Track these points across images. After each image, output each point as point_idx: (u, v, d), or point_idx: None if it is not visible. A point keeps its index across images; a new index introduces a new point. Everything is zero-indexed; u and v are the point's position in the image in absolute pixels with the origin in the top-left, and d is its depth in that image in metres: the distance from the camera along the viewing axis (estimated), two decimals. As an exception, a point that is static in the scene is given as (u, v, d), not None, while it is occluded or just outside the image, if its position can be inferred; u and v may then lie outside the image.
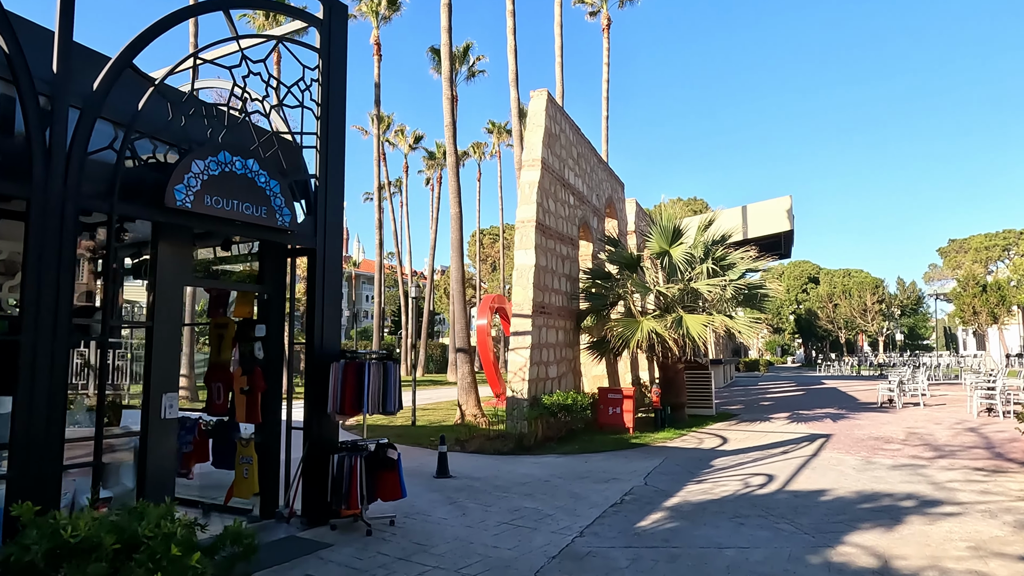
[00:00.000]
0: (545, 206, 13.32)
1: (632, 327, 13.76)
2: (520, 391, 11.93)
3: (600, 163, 18.33)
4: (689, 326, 13.53)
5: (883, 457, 10.61)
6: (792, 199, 27.91)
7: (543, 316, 12.92)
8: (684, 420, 15.51)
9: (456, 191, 15.51)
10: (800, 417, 16.79)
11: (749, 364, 52.67)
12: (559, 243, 14.12)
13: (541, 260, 12.97)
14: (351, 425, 15.38)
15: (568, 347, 14.41)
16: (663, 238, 14.97)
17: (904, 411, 18.08)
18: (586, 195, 16.43)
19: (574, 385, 14.64)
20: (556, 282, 13.83)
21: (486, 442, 11.76)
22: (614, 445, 12.18)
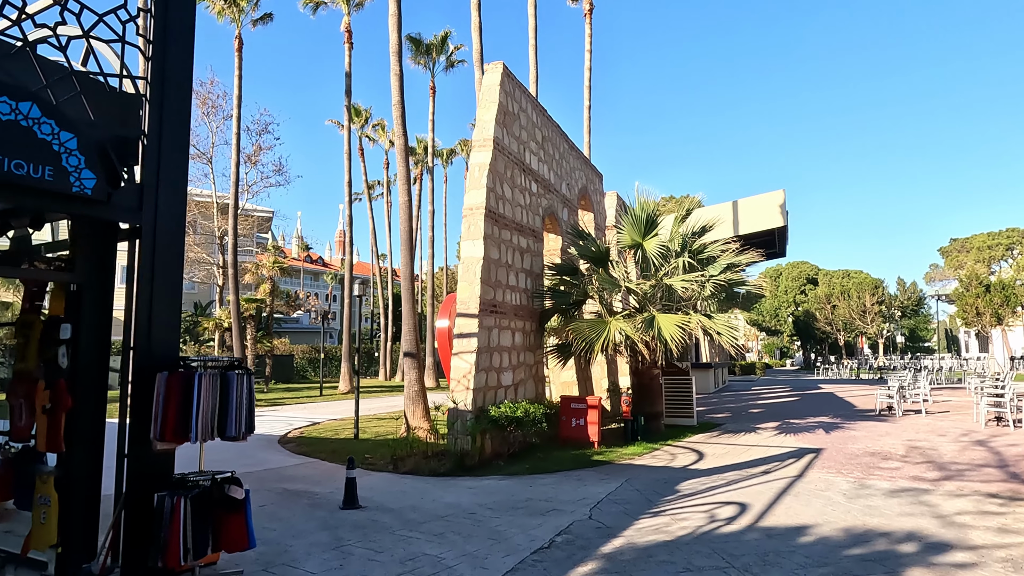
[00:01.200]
0: (498, 192, 11.82)
1: (598, 328, 12.24)
2: (463, 402, 10.41)
3: (572, 150, 16.84)
4: (662, 327, 12.01)
5: (880, 478, 9.08)
6: (785, 193, 26.41)
7: (494, 316, 11.40)
8: (660, 432, 13.98)
9: (405, 177, 14.01)
10: (790, 427, 15.26)
11: (745, 367, 51.14)
12: (517, 234, 12.61)
13: (492, 252, 11.46)
14: (294, 438, 13.87)
15: (528, 351, 12.89)
16: (636, 229, 13.45)
17: (904, 420, 16.54)
18: (553, 183, 14.93)
19: (535, 393, 13.13)
20: (513, 278, 12.32)
21: (423, 461, 10.23)
22: (572, 463, 10.65)
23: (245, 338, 25.58)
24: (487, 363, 10.99)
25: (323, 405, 22.71)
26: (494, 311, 11.40)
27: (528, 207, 13.26)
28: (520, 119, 13.10)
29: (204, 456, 5.43)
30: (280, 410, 21.03)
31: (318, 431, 15.35)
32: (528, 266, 13.13)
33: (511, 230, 12.33)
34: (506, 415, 10.27)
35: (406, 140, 14.17)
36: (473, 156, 11.71)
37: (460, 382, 10.56)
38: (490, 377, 11.08)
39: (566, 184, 16.03)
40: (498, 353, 11.45)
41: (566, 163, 16.20)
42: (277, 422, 17.29)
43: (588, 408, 12.18)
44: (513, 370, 12.05)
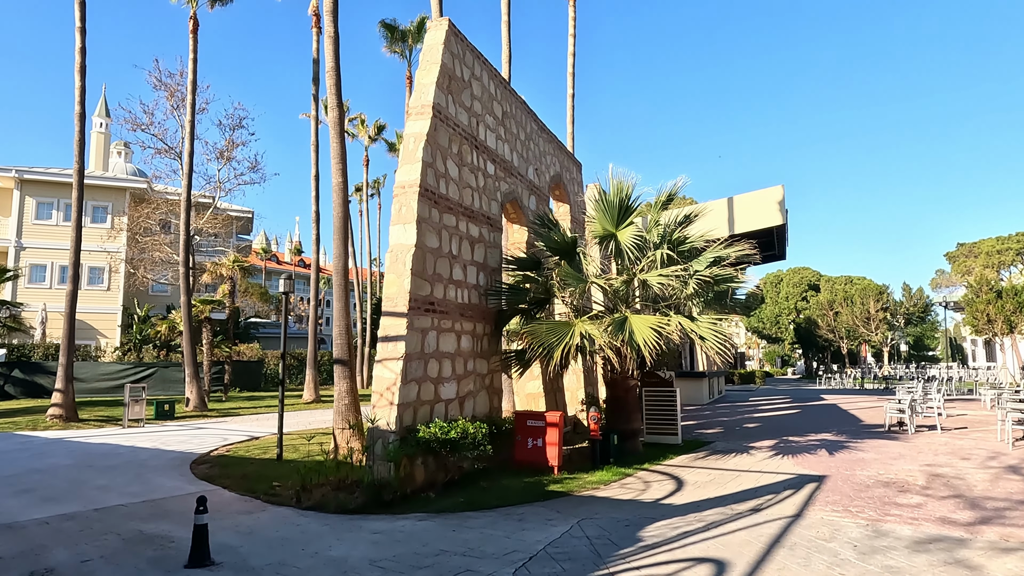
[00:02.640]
0: (439, 169, 9.96)
1: (560, 331, 10.34)
2: (385, 420, 8.50)
3: (542, 132, 14.99)
4: (634, 330, 10.11)
5: (899, 520, 7.16)
6: (784, 189, 24.51)
7: (432, 316, 9.51)
8: (637, 452, 12.05)
9: (339, 155, 12.16)
10: (789, 446, 13.32)
11: (744, 376, 49.13)
12: (466, 221, 10.74)
13: (430, 240, 9.59)
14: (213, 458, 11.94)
15: (479, 358, 10.99)
16: (608, 217, 11.58)
17: (918, 438, 14.60)
18: (516, 166, 13.06)
19: (489, 408, 11.21)
20: (459, 272, 10.44)
21: (333, 493, 8.31)
22: (521, 495, 8.73)
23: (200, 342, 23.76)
24: (419, 372, 9.09)
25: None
26: (431, 310, 9.51)
27: (482, 190, 11.40)
28: (472, 88, 11.25)
29: (104, 480, 3.55)
30: (228, 422, 19.12)
31: (248, 449, 13.43)
32: (481, 259, 11.24)
33: (457, 215, 10.45)
34: (437, 436, 8.35)
35: (341, 113, 12.33)
36: (408, 125, 9.85)
37: (383, 396, 8.65)
38: (424, 389, 9.18)
39: (534, 169, 14.16)
40: (436, 360, 9.55)
41: (534, 145, 14.34)
42: (212, 437, 15.38)
43: (547, 426, 10.27)
44: (458, 381, 10.15)
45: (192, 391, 21.37)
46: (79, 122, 18.45)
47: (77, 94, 18.53)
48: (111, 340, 36.46)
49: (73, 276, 18.22)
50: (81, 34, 18.63)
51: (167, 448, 13.46)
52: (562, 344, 10.08)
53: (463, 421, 8.89)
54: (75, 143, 18.45)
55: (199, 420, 19.45)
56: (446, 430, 8.43)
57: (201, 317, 23.52)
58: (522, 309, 11.93)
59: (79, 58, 18.57)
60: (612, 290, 11.25)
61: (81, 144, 18.49)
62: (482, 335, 11.09)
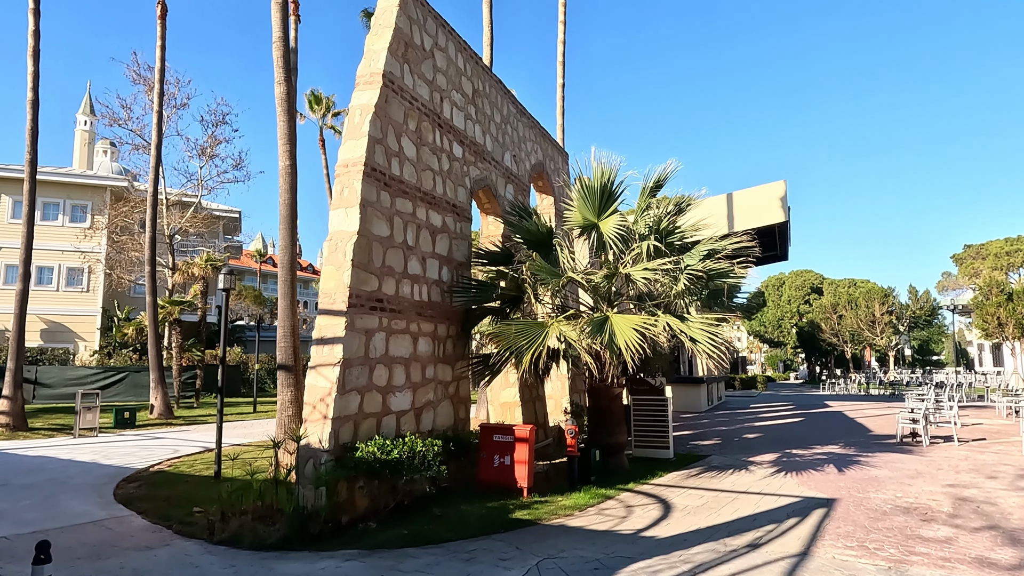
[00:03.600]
0: (391, 147, 8.70)
1: (531, 333, 9.07)
2: (317, 436, 7.23)
3: (522, 116, 13.74)
4: (615, 331, 8.83)
5: (927, 562, 5.86)
6: (786, 185, 23.23)
7: (380, 315, 8.24)
8: (623, 469, 10.76)
9: (287, 135, 10.91)
10: (792, 461, 12.02)
11: (746, 381, 47.73)
12: (426, 208, 9.48)
13: (378, 227, 8.32)
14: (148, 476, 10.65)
15: (442, 363, 9.72)
16: (588, 204, 10.32)
17: (935, 451, 13.29)
18: (490, 150, 11.81)
19: (453, 420, 9.93)
20: (416, 265, 9.17)
21: (253, 522, 7.02)
22: (479, 525, 7.44)
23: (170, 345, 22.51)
24: (362, 380, 7.81)
25: (246, 425, 19.50)
26: (379, 308, 8.24)
27: (446, 174, 10.13)
28: (435, 59, 10.00)
29: (6, 504, 2.29)
30: (192, 431, 17.83)
31: (193, 463, 12.15)
32: (445, 251, 9.98)
33: (415, 201, 9.19)
34: (376, 456, 7.06)
35: (289, 88, 11.07)
36: (355, 96, 8.59)
37: (316, 408, 7.37)
38: (369, 400, 7.90)
39: (511, 155, 12.90)
40: (385, 366, 8.27)
41: (512, 130, 13.08)
42: (163, 448, 14.12)
43: (516, 442, 8.98)
44: (414, 390, 8.87)
45: (157, 397, 20.10)
46: (31, 110, 17.24)
47: (30, 80, 17.34)
48: (90, 343, 35.23)
49: (23, 275, 17.00)
50: (35, 16, 17.44)
51: (106, 462, 12.19)
52: (533, 347, 8.81)
53: (410, 438, 7.60)
54: (27, 132, 17.24)
55: (161, 429, 18.17)
56: (387, 448, 7.15)
57: (170, 319, 22.25)
58: (493, 309, 10.66)
59: (32, 41, 17.39)
60: (591, 287, 9.96)
61: (34, 133, 17.28)
62: (445, 337, 9.81)
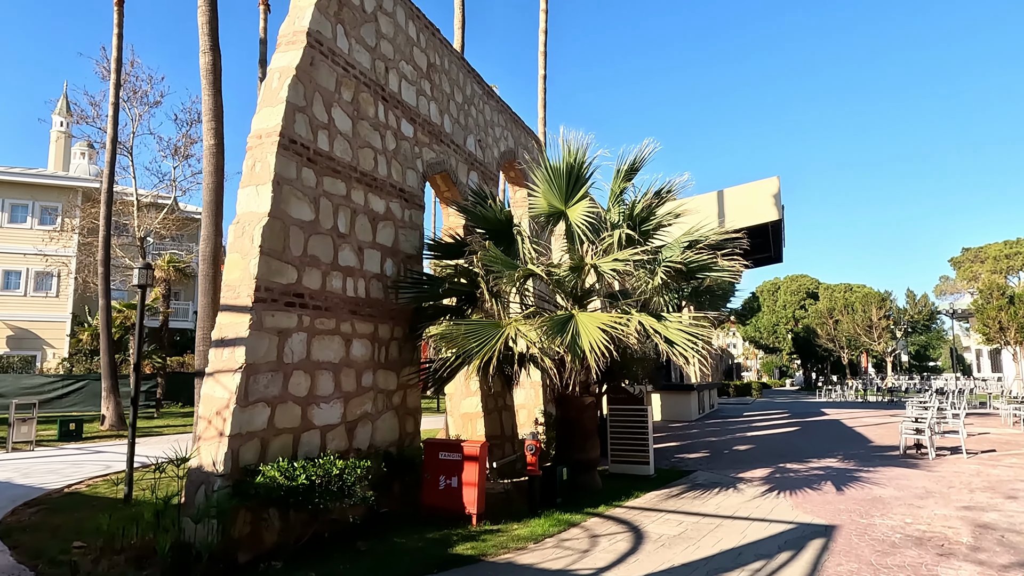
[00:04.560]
0: (319, 118, 7.50)
1: (484, 334, 7.84)
2: (211, 458, 5.98)
3: (490, 98, 12.56)
4: (580, 331, 7.62)
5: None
6: (780, 181, 22.11)
7: (300, 312, 7.02)
8: (594, 487, 9.53)
9: (212, 110, 9.66)
10: (786, 478, 10.81)
11: (740, 388, 46.58)
12: (366, 191, 8.27)
13: (298, 210, 7.11)
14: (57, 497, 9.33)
15: (384, 369, 8.48)
16: (554, 189, 9.13)
17: (943, 464, 12.10)
18: (449, 132, 10.62)
19: (398, 434, 8.68)
20: (351, 256, 7.95)
21: (127, 563, 5.75)
22: (410, 562, 6.19)
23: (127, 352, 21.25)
24: (275, 389, 6.57)
25: (205, 437, 18.15)
26: (299, 304, 7.01)
27: (392, 155, 8.93)
28: (379, 24, 8.81)
29: None
30: (140, 444, 16.49)
31: (115, 482, 10.85)
32: (389, 241, 8.76)
33: (350, 182, 7.98)
34: (277, 483, 5.81)
35: (215, 58, 9.84)
36: (275, 59, 7.39)
37: (211, 424, 6.13)
38: (282, 413, 6.66)
39: (475, 140, 11.72)
40: (306, 373, 7.04)
41: (477, 112, 11.90)
42: (95, 464, 12.84)
43: (464, 460, 7.73)
44: (345, 400, 7.62)
45: (109, 407, 18.78)
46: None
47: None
48: (59, 350, 33.87)
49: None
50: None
51: (22, 481, 10.89)
52: (484, 350, 7.58)
53: (327, 458, 6.35)
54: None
55: (108, 442, 16.85)
56: (292, 472, 5.89)
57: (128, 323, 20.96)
58: (448, 308, 9.43)
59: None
60: (554, 281, 8.73)
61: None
62: (388, 340, 8.57)
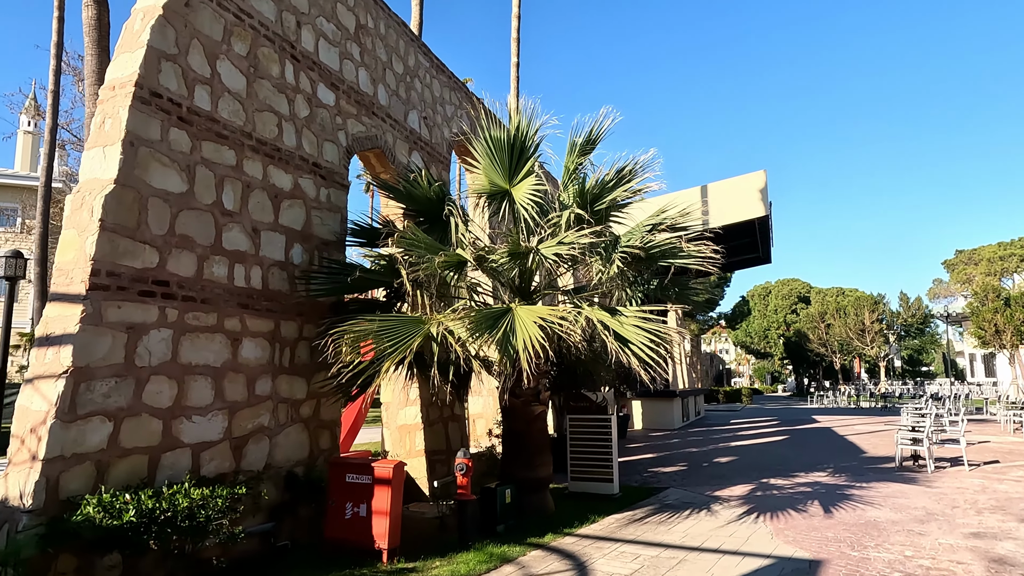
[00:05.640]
0: (199, 72, 6.22)
1: (403, 332, 6.53)
2: (19, 490, 4.65)
3: (439, 73, 11.31)
4: (518, 327, 6.34)
5: None
6: (767, 176, 20.91)
7: (160, 303, 5.71)
8: (545, 511, 8.22)
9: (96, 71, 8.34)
10: (768, 496, 9.53)
11: (730, 394, 45.33)
12: (264, 162, 6.99)
13: (166, 179, 5.82)
14: None
15: (288, 375, 7.17)
16: (496, 165, 7.86)
17: (943, 478, 10.87)
18: (383, 104, 9.35)
19: (307, 452, 7.35)
20: (242, 238, 6.65)
21: None
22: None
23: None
24: (122, 399, 5.25)
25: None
26: (161, 295, 5.70)
27: (305, 123, 7.64)
28: (288, -30, 7.54)
29: None
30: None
31: None
32: (299, 224, 7.46)
33: (241, 150, 6.68)
34: (94, 521, 4.47)
35: (101, 12, 8.55)
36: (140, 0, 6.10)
37: (24, 444, 4.81)
38: (133, 429, 5.33)
39: (419, 116, 10.45)
40: (171, 379, 5.72)
41: (422, 86, 10.64)
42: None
43: (375, 484, 6.41)
44: (231, 412, 6.30)
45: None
46: None
47: None
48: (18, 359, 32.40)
49: None
50: None
51: None
52: (399, 351, 6.27)
53: (178, 488, 5.02)
54: None
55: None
56: (117, 506, 4.56)
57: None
58: (374, 302, 8.13)
59: None
60: (489, 269, 7.43)
61: None
62: (296, 340, 7.26)
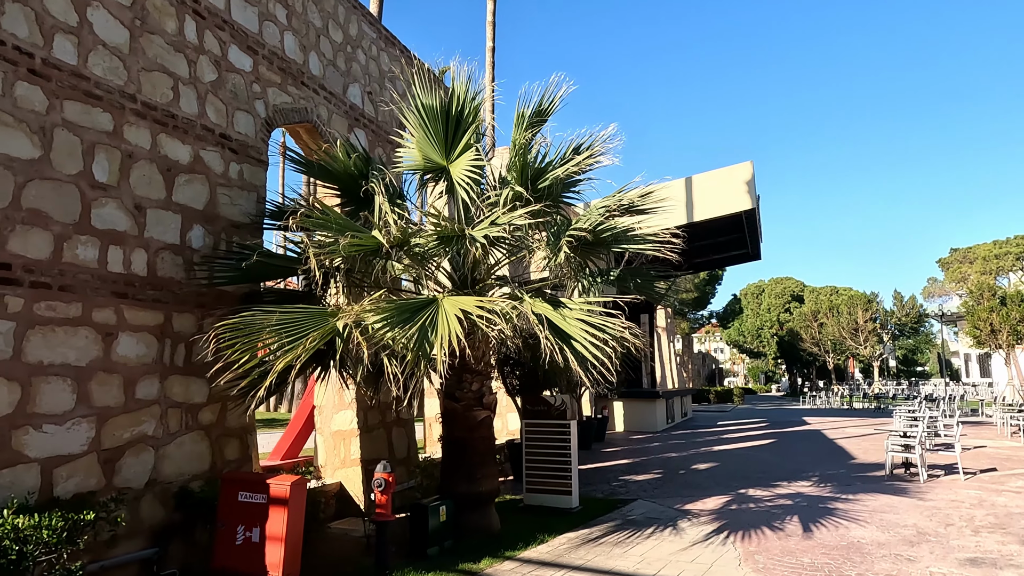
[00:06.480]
0: (62, 19, 5.29)
1: (304, 325, 5.60)
2: None
3: (389, 45, 10.36)
4: (442, 320, 5.42)
5: None
6: (754, 166, 19.98)
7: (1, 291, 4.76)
8: (488, 530, 7.30)
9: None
10: (743, 511, 8.62)
11: (721, 394, 44.53)
12: (153, 129, 6.06)
13: (11, 143, 4.88)
14: None
15: (183, 375, 6.23)
16: (431, 138, 6.92)
17: (936, 488, 9.99)
18: (315, 74, 8.40)
19: (209, 464, 6.40)
20: (122, 217, 5.72)
21: None
22: None
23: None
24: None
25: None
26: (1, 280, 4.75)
27: (212, 89, 6.70)
28: (190, -88, 6.59)
29: None
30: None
31: None
32: (200, 203, 6.51)
33: (119, 113, 5.74)
34: None
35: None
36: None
37: None
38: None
39: (364, 92, 9.50)
40: (10, 382, 4.77)
41: (368, 59, 9.69)
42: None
43: (270, 504, 5.47)
44: (100, 420, 5.35)
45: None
46: None
47: None
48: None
49: None
50: None
51: None
52: (294, 348, 5.33)
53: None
54: None
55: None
56: None
57: None
58: (294, 292, 7.19)
59: None
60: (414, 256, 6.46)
61: None
62: (193, 335, 6.31)
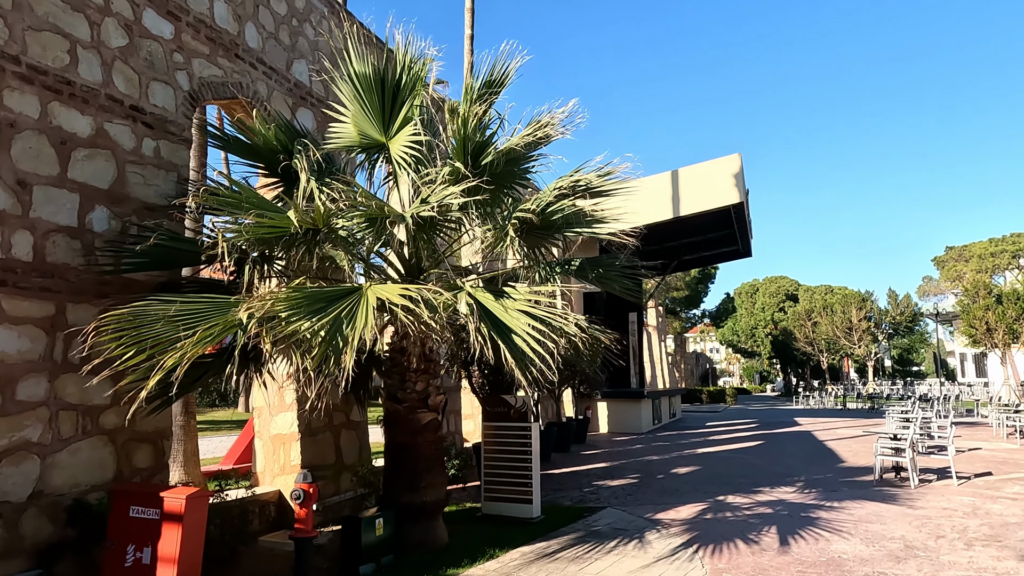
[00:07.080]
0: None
1: (204, 319, 4.92)
2: None
3: (346, 22, 9.69)
4: (362, 311, 4.76)
5: None
6: (742, 159, 19.36)
7: None
8: (432, 544, 6.64)
9: None
10: (718, 520, 7.97)
11: (714, 394, 43.91)
12: (50, 100, 5.42)
13: None
14: None
15: (79, 374, 5.54)
16: (367, 111, 6.26)
17: (927, 495, 9.36)
18: (252, 47, 7.74)
19: (113, 473, 5.73)
20: (7, 197, 5.04)
21: None
22: None
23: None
24: None
25: None
26: None
27: (121, 55, 6.03)
28: None
29: None
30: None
31: None
32: (105, 182, 5.84)
33: (1, 76, 5.06)
34: None
35: None
36: None
37: None
38: None
39: (311, 69, 8.82)
40: None
41: (316, 34, 9.02)
42: None
43: (163, 520, 4.80)
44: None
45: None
46: None
47: None
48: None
49: None
50: None
51: None
52: (187, 342, 4.65)
53: None
54: None
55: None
56: None
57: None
58: (219, 283, 6.51)
59: None
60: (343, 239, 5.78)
61: None
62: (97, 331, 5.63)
